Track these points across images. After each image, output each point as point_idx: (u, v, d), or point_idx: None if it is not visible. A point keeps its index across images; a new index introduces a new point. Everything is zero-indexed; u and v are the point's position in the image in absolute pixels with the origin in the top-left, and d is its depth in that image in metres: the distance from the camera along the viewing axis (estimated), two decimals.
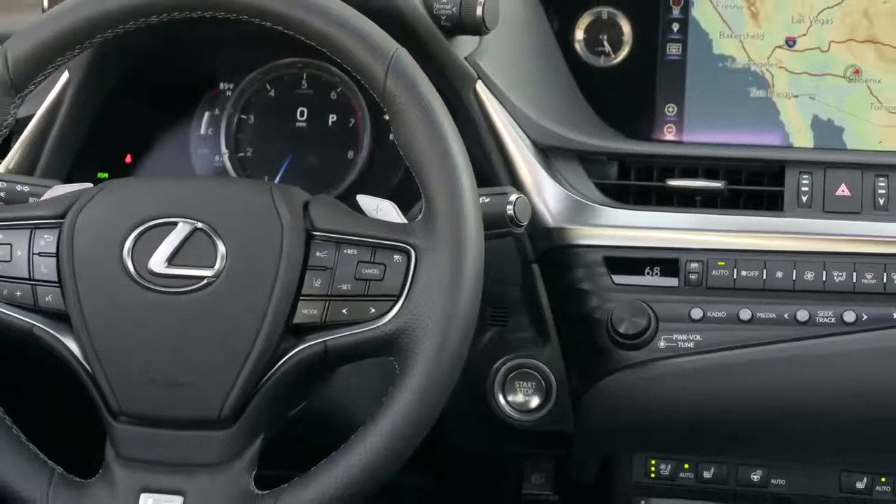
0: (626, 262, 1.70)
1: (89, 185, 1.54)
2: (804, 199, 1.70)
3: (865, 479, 1.74)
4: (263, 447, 1.47)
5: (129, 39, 1.56)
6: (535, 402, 1.73)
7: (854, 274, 1.65)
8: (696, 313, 1.68)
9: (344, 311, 1.43)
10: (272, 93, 1.83)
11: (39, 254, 1.48)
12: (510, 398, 1.73)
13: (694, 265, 1.68)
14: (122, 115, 1.80)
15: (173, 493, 1.44)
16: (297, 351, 1.43)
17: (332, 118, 1.81)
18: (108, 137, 1.80)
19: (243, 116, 1.83)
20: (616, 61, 1.83)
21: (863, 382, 1.66)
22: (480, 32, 1.66)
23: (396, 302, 1.42)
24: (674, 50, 1.81)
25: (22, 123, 1.74)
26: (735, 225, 1.70)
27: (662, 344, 1.68)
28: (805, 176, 1.71)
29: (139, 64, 1.79)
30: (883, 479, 1.74)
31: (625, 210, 1.72)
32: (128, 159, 1.84)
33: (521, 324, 1.73)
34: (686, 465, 1.78)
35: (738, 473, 1.76)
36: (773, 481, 1.76)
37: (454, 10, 1.63)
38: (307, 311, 1.43)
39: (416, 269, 1.42)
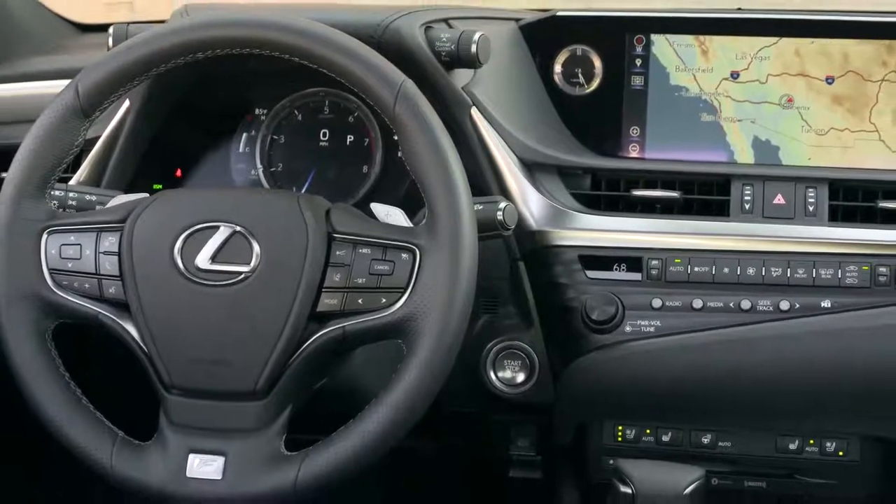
0: (598, 259, 1.70)
1: (146, 194, 1.55)
2: (747, 206, 1.70)
3: (797, 441, 1.74)
4: (292, 415, 1.47)
5: (181, 72, 1.56)
6: (520, 377, 1.73)
7: (788, 270, 1.65)
8: (657, 303, 1.68)
9: (359, 301, 1.43)
10: (299, 117, 1.83)
11: (104, 252, 1.48)
12: (500, 374, 1.73)
13: (655, 262, 1.68)
14: (173, 136, 1.80)
15: (216, 453, 1.44)
16: (320, 335, 1.43)
17: (350, 138, 1.81)
18: (161, 155, 1.80)
19: (275, 137, 1.83)
20: (589, 91, 1.83)
21: (795, 361, 1.66)
22: (475, 66, 1.66)
23: (404, 293, 1.42)
24: (637, 81, 1.81)
25: (90, 143, 1.74)
26: (689, 228, 1.70)
27: (628, 329, 1.68)
28: (747, 187, 1.71)
29: (188, 93, 1.79)
30: (811, 442, 1.74)
31: (596, 216, 1.72)
32: (178, 173, 1.84)
33: (509, 312, 1.73)
34: (648, 431, 1.78)
35: (691, 437, 1.76)
36: (720, 443, 1.76)
37: (452, 47, 1.64)
38: (328, 301, 1.43)
39: (421, 266, 1.42)
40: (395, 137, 1.46)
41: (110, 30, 1.70)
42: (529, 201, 1.70)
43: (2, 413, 1.99)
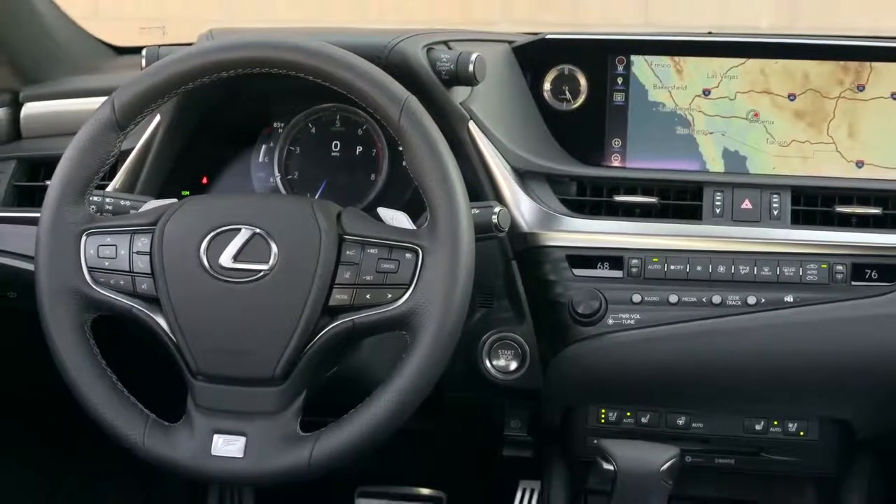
0: (583, 259, 1.69)
1: (175, 200, 1.55)
2: (717, 211, 1.70)
3: (763, 423, 1.74)
4: (306, 400, 1.47)
5: (206, 90, 1.56)
6: (513, 365, 1.72)
7: (755, 268, 1.65)
8: (637, 298, 1.67)
9: (367, 296, 1.43)
10: (313, 130, 1.82)
11: (137, 252, 1.48)
12: (494, 363, 1.73)
13: (634, 261, 1.68)
14: (200, 147, 1.80)
15: (238, 434, 1.44)
16: (332, 327, 1.43)
17: (359, 149, 1.80)
18: (189, 164, 1.79)
19: (291, 148, 1.82)
20: (575, 106, 1.82)
21: (761, 350, 1.66)
22: (472, 84, 1.65)
23: (408, 289, 1.42)
24: (619, 98, 1.81)
25: (125, 154, 1.74)
26: (665, 230, 1.69)
27: (610, 321, 1.68)
28: (718, 193, 1.71)
29: (213, 108, 1.79)
30: (775, 423, 1.74)
31: (582, 219, 1.71)
32: (204, 180, 1.84)
33: (503, 306, 1.72)
34: (628, 414, 1.77)
35: (667, 419, 1.76)
36: (693, 425, 1.75)
37: (452, 66, 1.63)
38: (339, 297, 1.43)
39: (423, 264, 1.42)
40: (400, 148, 1.46)
41: (143, 52, 1.70)
42: (521, 206, 1.70)
43: (42, 400, 1.99)
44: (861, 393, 1.70)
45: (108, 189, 1.74)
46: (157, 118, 1.74)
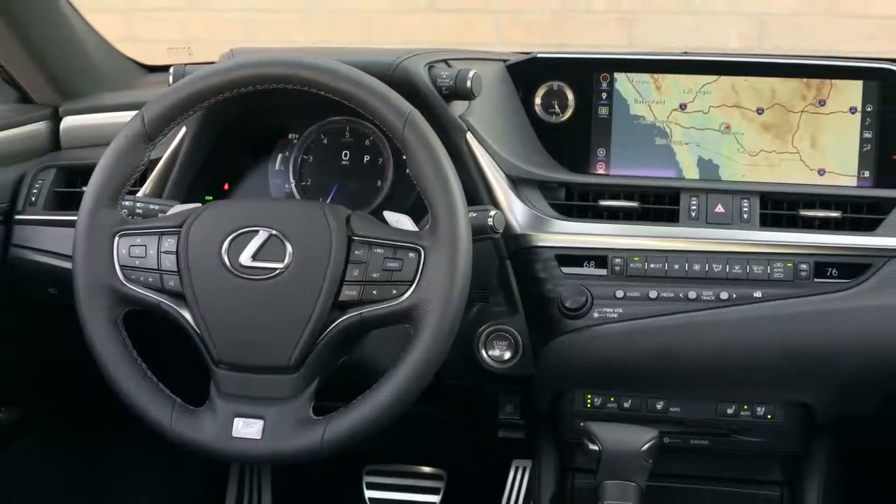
0: (571, 258, 1.69)
1: (199, 204, 1.55)
2: (693, 214, 1.69)
3: (734, 407, 1.74)
4: (319, 386, 1.47)
5: (228, 104, 1.56)
6: (507, 355, 1.72)
7: (727, 266, 1.65)
8: (619, 293, 1.67)
9: (374, 292, 1.43)
10: (325, 140, 1.82)
11: (164, 252, 1.48)
12: (490, 353, 1.72)
13: (618, 260, 1.68)
14: (222, 156, 1.80)
15: (256, 417, 1.44)
16: (342, 320, 1.43)
17: (367, 158, 1.80)
18: (212, 171, 1.79)
19: (305, 157, 1.82)
20: (563, 119, 1.82)
21: (732, 340, 1.66)
22: (470, 98, 1.65)
23: (411, 286, 1.42)
24: (603, 111, 1.80)
25: (154, 162, 1.74)
26: (646, 232, 1.69)
27: (596, 315, 1.67)
28: (693, 198, 1.70)
29: (234, 121, 1.78)
30: (745, 407, 1.74)
31: (570, 222, 1.71)
32: (225, 186, 1.83)
33: (498, 301, 1.72)
34: (612, 399, 1.77)
35: (647, 404, 1.76)
36: (671, 409, 1.75)
37: (451, 83, 1.63)
38: (348, 292, 1.43)
39: (425, 263, 1.42)
40: (404, 157, 1.45)
41: (171, 69, 1.69)
42: (515, 210, 1.69)
43: (78, 388, 1.99)
44: (822, 380, 1.70)
45: (139, 194, 1.74)
46: (183, 130, 1.74)
